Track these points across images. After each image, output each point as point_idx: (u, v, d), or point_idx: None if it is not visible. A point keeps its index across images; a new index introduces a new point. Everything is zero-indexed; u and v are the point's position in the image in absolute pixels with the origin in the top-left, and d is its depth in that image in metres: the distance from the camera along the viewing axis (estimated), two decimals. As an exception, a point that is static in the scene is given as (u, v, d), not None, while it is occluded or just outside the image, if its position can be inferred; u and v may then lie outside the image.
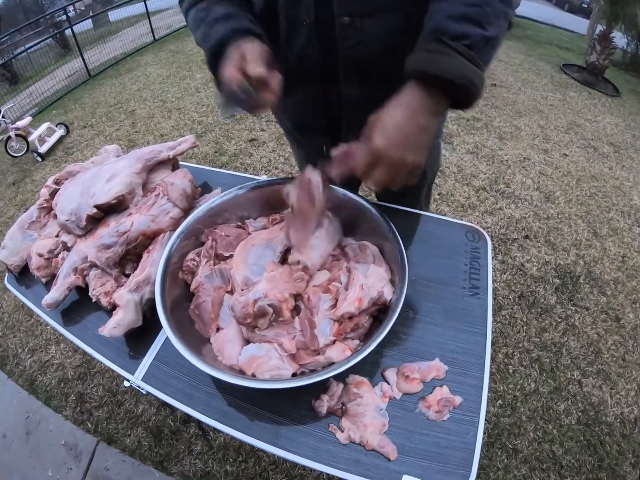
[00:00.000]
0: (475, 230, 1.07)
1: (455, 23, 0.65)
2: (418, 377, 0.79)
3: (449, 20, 0.66)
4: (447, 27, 0.66)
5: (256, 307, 0.75)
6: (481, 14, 0.66)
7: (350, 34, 0.82)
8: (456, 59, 0.64)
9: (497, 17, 0.67)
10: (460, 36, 0.65)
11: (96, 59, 6.72)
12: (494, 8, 0.67)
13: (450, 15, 0.66)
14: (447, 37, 0.65)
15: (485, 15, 0.66)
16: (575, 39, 7.80)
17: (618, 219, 2.94)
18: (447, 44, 0.64)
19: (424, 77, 0.67)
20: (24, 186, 3.86)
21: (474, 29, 0.65)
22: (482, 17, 0.66)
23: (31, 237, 1.12)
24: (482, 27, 0.66)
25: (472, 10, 0.65)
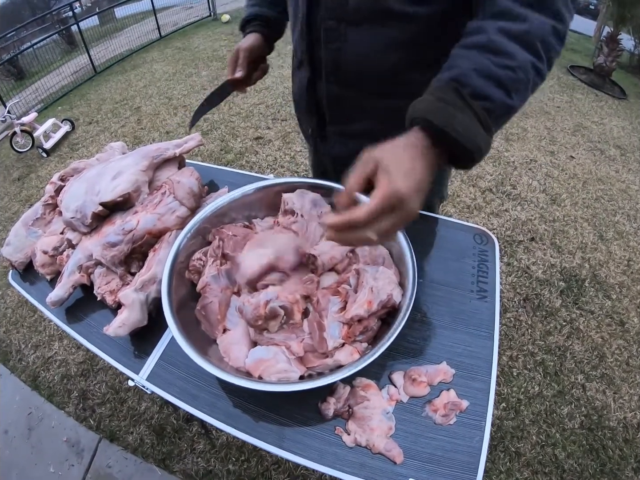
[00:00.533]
0: (484, 233, 1.07)
1: (482, 79, 0.58)
2: (425, 380, 0.78)
3: (474, 73, 0.58)
4: (471, 82, 0.58)
5: (268, 308, 0.75)
6: (512, 78, 0.59)
7: (334, 38, 0.85)
8: (470, 119, 0.58)
9: (526, 87, 0.62)
10: (481, 96, 0.58)
11: (102, 55, 6.72)
12: (527, 76, 0.61)
13: (478, 69, 0.59)
14: (468, 91, 0.58)
15: (515, 82, 0.60)
16: (582, 40, 7.74)
17: (624, 222, 2.93)
18: (465, 100, 0.58)
19: (432, 127, 0.59)
20: (29, 182, 3.86)
21: (499, 94, 0.59)
22: (511, 83, 0.59)
23: (36, 234, 1.12)
24: (508, 94, 0.60)
25: (502, 72, 0.59)
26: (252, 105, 4.34)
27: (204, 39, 6.93)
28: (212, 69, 5.51)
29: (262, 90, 4.62)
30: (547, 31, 0.61)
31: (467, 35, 0.63)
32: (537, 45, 0.60)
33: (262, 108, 4.27)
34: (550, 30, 0.61)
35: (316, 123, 1.07)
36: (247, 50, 1.02)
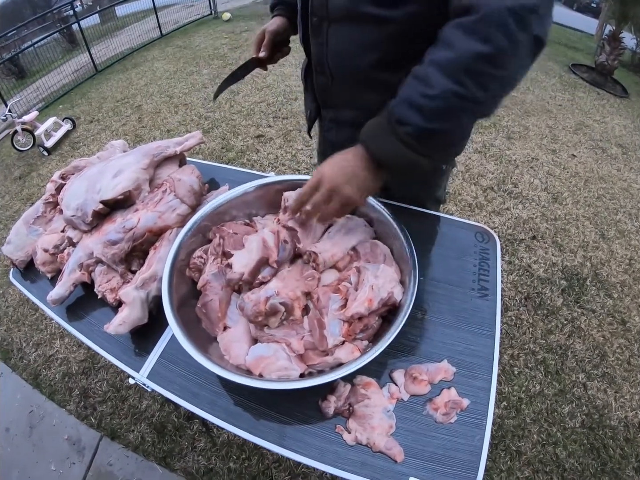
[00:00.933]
0: (485, 231, 1.06)
1: (406, 108, 0.68)
2: (426, 378, 0.78)
3: (403, 103, 0.69)
4: (399, 111, 0.69)
5: (268, 305, 0.75)
6: (429, 106, 0.66)
7: (318, 34, 0.92)
8: (392, 141, 0.70)
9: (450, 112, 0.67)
10: (403, 121, 0.68)
11: (103, 53, 6.72)
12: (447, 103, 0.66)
13: (406, 98, 0.68)
14: (394, 119, 0.69)
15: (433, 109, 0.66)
16: (584, 38, 7.74)
17: (626, 221, 2.92)
18: (392, 126, 0.70)
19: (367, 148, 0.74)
20: (30, 180, 3.86)
21: (417, 119, 0.67)
22: (428, 111, 0.66)
23: (36, 232, 1.12)
24: (426, 119, 0.67)
25: (423, 101, 0.66)
26: (253, 103, 4.33)
27: (205, 37, 6.92)
28: (213, 67, 5.50)
29: (263, 89, 4.62)
30: (471, 58, 0.63)
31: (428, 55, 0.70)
32: (459, 74, 0.64)
33: (264, 106, 4.26)
34: (475, 58, 0.63)
35: (315, 107, 1.16)
36: (272, 32, 1.11)
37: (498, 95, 0.69)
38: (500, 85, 0.67)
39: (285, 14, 1.14)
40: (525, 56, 0.66)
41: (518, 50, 0.64)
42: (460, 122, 0.70)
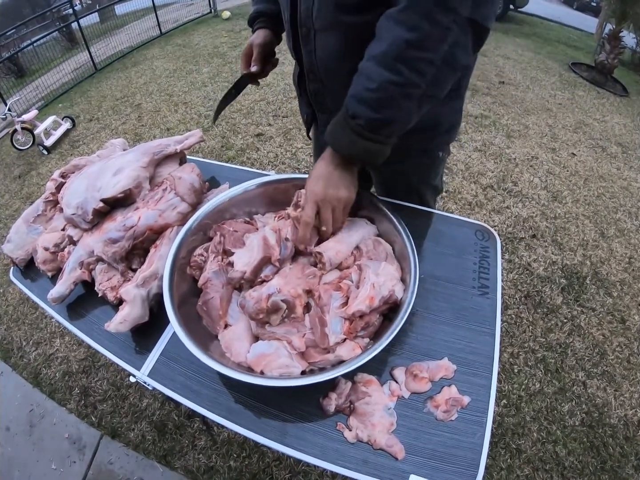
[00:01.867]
0: (485, 229, 1.07)
1: (355, 103, 0.75)
2: (427, 376, 0.78)
3: (351, 98, 0.75)
4: (349, 105, 0.76)
5: (270, 302, 0.75)
6: (375, 98, 0.72)
7: (307, 43, 0.93)
8: (348, 135, 0.77)
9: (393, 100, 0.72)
10: (354, 116, 0.75)
11: (102, 52, 6.70)
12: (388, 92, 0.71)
13: (353, 94, 0.75)
14: (349, 114, 0.76)
15: (378, 100, 0.72)
16: (584, 37, 7.73)
17: (625, 220, 2.92)
18: (346, 121, 0.76)
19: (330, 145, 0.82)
20: (29, 179, 3.86)
21: (366, 111, 0.73)
22: (375, 102, 0.73)
23: (37, 231, 1.12)
24: (374, 110, 0.73)
25: (367, 95, 0.73)
26: (253, 102, 4.33)
27: (205, 35, 6.91)
28: (213, 65, 5.49)
29: (263, 87, 4.61)
30: (400, 46, 0.68)
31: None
32: (393, 62, 0.69)
33: (263, 105, 4.26)
34: (403, 45, 0.68)
35: (310, 111, 1.18)
36: (260, 45, 1.11)
37: (439, 77, 0.72)
38: (436, 69, 0.70)
39: (268, 25, 1.15)
40: (459, 39, 0.68)
41: (446, 34, 0.67)
42: (406, 107, 0.74)
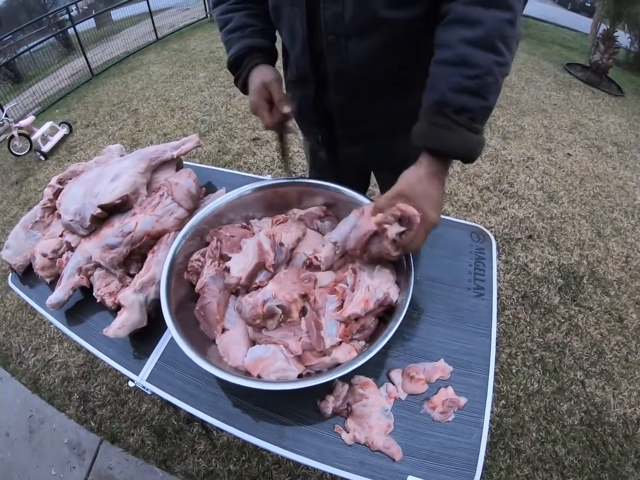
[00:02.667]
0: (480, 231, 1.07)
1: (457, 95, 0.68)
2: (423, 377, 0.79)
3: (450, 92, 0.68)
4: (449, 100, 0.68)
5: (265, 307, 0.75)
6: (482, 85, 0.68)
7: (336, 51, 0.87)
8: (460, 133, 0.69)
9: (496, 82, 0.69)
10: (462, 109, 0.68)
11: (99, 57, 6.71)
12: (494, 75, 0.68)
13: (451, 88, 0.68)
14: (450, 110, 0.68)
15: (486, 86, 0.68)
16: (578, 38, 7.76)
17: (621, 219, 2.93)
18: (451, 119, 0.68)
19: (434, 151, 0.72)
20: (27, 185, 3.86)
21: (476, 101, 0.68)
22: (482, 89, 0.68)
23: (35, 237, 1.12)
24: (483, 97, 0.68)
25: (473, 82, 0.67)
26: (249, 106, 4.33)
27: (201, 40, 6.93)
28: (209, 70, 5.50)
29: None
30: (503, 25, 0.67)
31: (437, 49, 0.72)
32: (496, 42, 0.67)
33: (260, 109, 4.26)
34: (505, 23, 0.67)
35: (326, 131, 1.09)
36: (277, 81, 0.93)
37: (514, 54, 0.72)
38: (516, 45, 0.71)
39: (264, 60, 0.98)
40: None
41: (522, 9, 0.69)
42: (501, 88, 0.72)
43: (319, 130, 1.10)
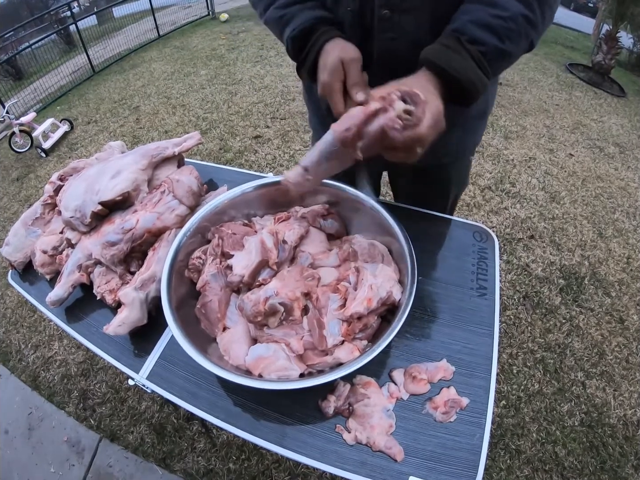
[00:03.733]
0: (483, 230, 1.07)
1: (477, 28, 0.69)
2: (425, 378, 0.79)
3: (471, 24, 0.70)
4: (468, 30, 0.70)
5: (267, 305, 0.75)
6: (503, 27, 0.69)
7: (388, 27, 0.82)
8: (467, 60, 0.69)
9: (519, 34, 0.71)
10: (477, 41, 0.69)
11: (100, 55, 6.70)
12: (518, 25, 0.70)
13: (474, 20, 0.70)
14: (465, 38, 0.69)
15: (506, 30, 0.69)
16: (581, 38, 7.75)
17: (623, 220, 2.93)
18: (463, 45, 0.69)
19: (434, 68, 0.71)
20: (28, 182, 3.86)
21: (492, 39, 0.69)
22: (503, 31, 0.69)
23: (35, 234, 1.12)
24: (501, 39, 0.69)
25: (495, 21, 0.69)
26: (251, 104, 4.33)
27: (203, 38, 6.92)
28: (211, 67, 5.50)
29: (261, 89, 4.62)
30: None
31: None
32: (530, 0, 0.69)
33: (261, 107, 4.26)
34: None
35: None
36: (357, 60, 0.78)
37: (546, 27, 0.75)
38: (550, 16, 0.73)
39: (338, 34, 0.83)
40: None
41: None
42: (522, 47, 0.73)
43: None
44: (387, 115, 0.65)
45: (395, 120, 0.64)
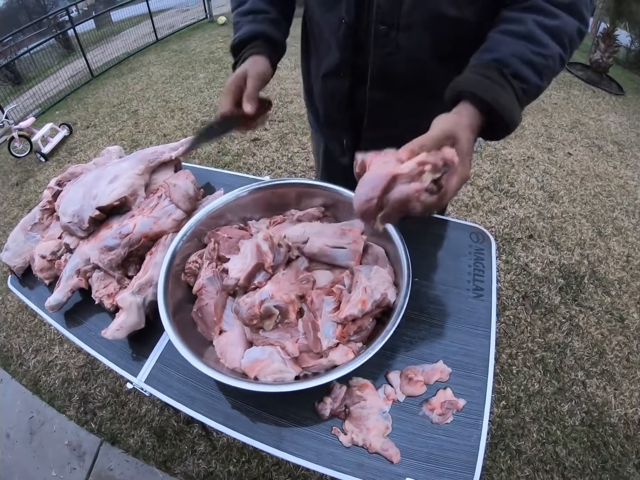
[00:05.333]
0: (480, 231, 1.07)
1: (522, 64, 0.68)
2: (422, 379, 0.79)
3: (515, 58, 0.68)
4: (512, 64, 0.68)
5: (262, 308, 0.75)
6: (544, 65, 0.69)
7: (385, 43, 0.83)
8: (511, 96, 0.68)
9: (554, 74, 0.73)
10: (520, 77, 0.68)
11: (99, 59, 6.71)
12: (555, 65, 0.71)
13: (517, 54, 0.68)
14: (509, 72, 0.68)
15: (546, 68, 0.70)
16: (578, 37, 7.75)
17: (622, 218, 2.93)
18: (507, 79, 0.68)
19: (479, 102, 0.68)
20: (27, 187, 3.87)
21: (534, 77, 0.69)
22: (543, 69, 0.69)
23: (34, 239, 1.12)
24: (541, 78, 0.70)
25: (538, 59, 0.68)
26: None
27: (201, 41, 6.94)
28: (209, 71, 5.51)
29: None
30: (574, 30, 0.71)
31: (505, 22, 0.73)
32: (565, 39, 0.70)
33: (260, 109, 4.26)
34: (576, 29, 0.71)
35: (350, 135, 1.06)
36: (259, 76, 0.85)
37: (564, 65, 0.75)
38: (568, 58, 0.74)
39: (268, 52, 0.90)
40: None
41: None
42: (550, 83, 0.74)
43: (345, 134, 1.07)
44: (414, 186, 0.60)
45: (421, 192, 0.60)
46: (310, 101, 1.19)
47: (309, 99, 1.19)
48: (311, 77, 1.10)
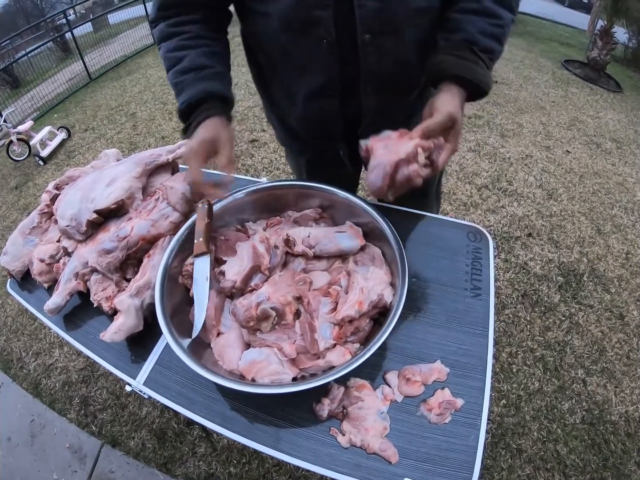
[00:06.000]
0: (477, 230, 1.07)
1: (485, 38, 0.81)
2: (419, 379, 0.79)
3: (480, 35, 0.81)
4: (480, 41, 0.81)
5: (259, 310, 0.75)
6: (502, 33, 0.84)
7: (372, 50, 0.86)
8: (484, 69, 0.81)
9: (508, 34, 0.86)
10: (487, 50, 0.82)
11: (97, 61, 6.73)
12: (509, 28, 0.85)
13: (480, 31, 0.81)
14: (478, 48, 0.81)
15: (503, 35, 0.84)
16: (576, 34, 7.76)
17: (621, 215, 2.93)
18: (478, 55, 0.80)
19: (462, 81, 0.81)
20: (26, 190, 3.87)
21: (497, 46, 0.84)
22: (501, 37, 0.84)
23: (32, 243, 1.12)
24: (501, 44, 0.84)
25: (497, 30, 0.83)
26: (246, 108, 4.34)
27: (199, 42, 6.93)
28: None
29: (256, 93, 4.59)
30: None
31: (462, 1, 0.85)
32: (512, 5, 0.86)
33: (257, 111, 4.26)
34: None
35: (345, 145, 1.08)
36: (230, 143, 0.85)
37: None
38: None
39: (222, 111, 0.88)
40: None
41: None
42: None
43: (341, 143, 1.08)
44: (412, 168, 0.76)
45: (419, 171, 0.77)
46: (283, 125, 1.17)
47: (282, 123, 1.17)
48: (281, 104, 1.07)
